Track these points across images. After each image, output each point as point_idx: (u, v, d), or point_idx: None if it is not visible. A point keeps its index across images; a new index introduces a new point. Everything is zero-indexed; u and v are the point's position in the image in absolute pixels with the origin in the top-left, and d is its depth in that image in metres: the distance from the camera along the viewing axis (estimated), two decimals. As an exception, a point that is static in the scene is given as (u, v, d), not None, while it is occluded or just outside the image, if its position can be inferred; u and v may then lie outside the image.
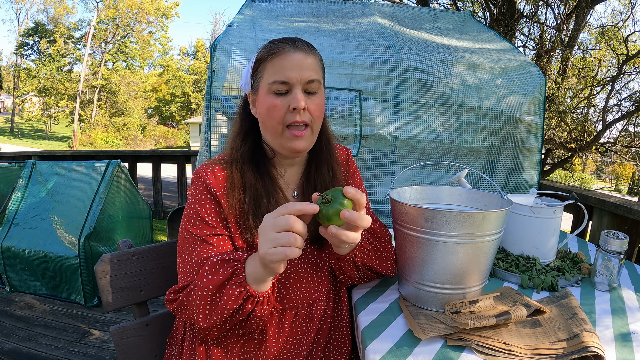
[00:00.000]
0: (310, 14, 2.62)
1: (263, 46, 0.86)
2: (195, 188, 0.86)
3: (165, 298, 0.84)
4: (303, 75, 0.82)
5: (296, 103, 0.81)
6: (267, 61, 0.83)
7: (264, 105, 0.84)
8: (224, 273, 0.73)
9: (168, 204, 5.78)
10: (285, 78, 0.81)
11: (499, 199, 0.96)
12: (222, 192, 0.84)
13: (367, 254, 0.90)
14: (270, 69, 0.83)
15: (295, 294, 0.90)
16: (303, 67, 0.82)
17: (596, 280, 1.02)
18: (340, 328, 0.99)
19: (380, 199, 2.09)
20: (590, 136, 4.37)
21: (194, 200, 0.85)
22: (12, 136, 29.16)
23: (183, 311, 0.80)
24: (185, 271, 0.83)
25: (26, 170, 2.94)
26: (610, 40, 4.52)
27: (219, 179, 0.85)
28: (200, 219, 0.83)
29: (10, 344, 2.16)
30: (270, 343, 0.87)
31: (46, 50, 27.63)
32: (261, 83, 0.85)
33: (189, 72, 37.65)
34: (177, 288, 0.82)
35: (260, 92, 0.85)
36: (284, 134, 0.84)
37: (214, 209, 0.84)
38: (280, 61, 0.82)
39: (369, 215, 1.03)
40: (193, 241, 0.83)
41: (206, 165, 0.87)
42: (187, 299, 0.78)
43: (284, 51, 0.82)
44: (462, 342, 0.74)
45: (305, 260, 0.91)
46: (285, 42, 0.83)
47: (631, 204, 1.83)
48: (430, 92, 2.09)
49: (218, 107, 1.95)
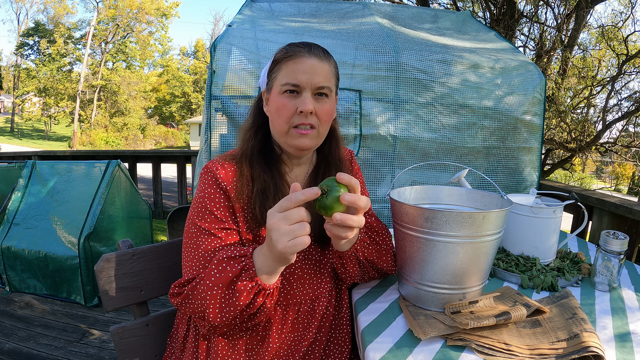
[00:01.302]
0: (310, 14, 2.62)
1: (281, 48, 0.89)
2: (205, 182, 0.87)
3: (169, 292, 0.84)
4: (314, 80, 0.84)
5: (304, 106, 0.84)
6: (283, 63, 0.86)
7: (275, 104, 0.87)
8: (233, 270, 0.73)
9: (168, 204, 5.79)
10: (296, 81, 0.84)
11: (499, 199, 0.96)
12: (232, 187, 0.86)
13: (367, 248, 0.91)
14: (285, 71, 0.86)
15: (298, 290, 0.92)
16: (315, 73, 0.85)
17: (596, 280, 1.02)
18: (340, 327, 0.99)
19: (380, 199, 2.09)
20: (590, 136, 4.37)
21: (203, 194, 0.86)
22: (12, 136, 29.17)
23: (188, 305, 0.79)
24: (191, 264, 0.83)
25: (26, 170, 2.94)
26: (610, 40, 4.52)
27: (228, 173, 0.87)
28: (209, 213, 0.84)
29: (10, 344, 2.16)
30: (273, 339, 0.88)
31: (46, 50, 27.63)
32: (275, 83, 0.88)
33: (189, 72, 37.66)
34: (183, 281, 0.82)
35: (273, 92, 0.88)
36: (290, 132, 0.86)
37: (223, 202, 0.85)
38: (294, 64, 0.85)
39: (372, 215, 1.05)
40: (200, 234, 0.84)
41: (216, 160, 0.89)
42: (193, 292, 0.78)
43: (299, 55, 0.85)
44: (462, 342, 0.74)
45: (308, 257, 0.93)
46: (302, 46, 0.87)
47: (631, 204, 1.83)
48: (430, 92, 2.09)
49: (218, 107, 1.95)
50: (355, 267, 0.91)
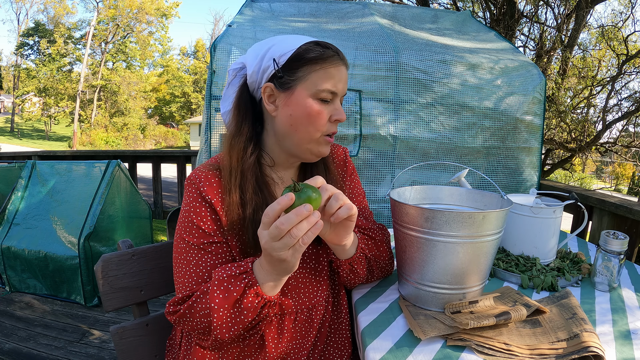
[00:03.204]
0: (311, 14, 2.62)
1: (306, 45, 0.81)
2: (189, 195, 0.83)
3: (165, 310, 0.81)
4: (345, 88, 0.84)
5: (341, 116, 0.83)
6: (316, 64, 0.80)
7: (305, 109, 0.80)
8: (237, 289, 0.71)
9: (168, 204, 5.79)
10: (336, 89, 0.81)
11: (499, 199, 0.96)
12: (217, 200, 0.81)
13: (366, 243, 0.92)
14: (323, 74, 0.80)
15: (294, 299, 0.89)
16: (345, 81, 0.84)
17: (596, 280, 1.02)
18: (339, 331, 0.98)
19: (380, 199, 2.09)
20: (590, 136, 4.38)
21: (189, 208, 0.82)
22: (12, 136, 29.17)
23: (186, 323, 0.77)
24: (183, 281, 0.81)
25: (26, 170, 2.94)
26: (610, 40, 4.52)
27: (213, 186, 0.82)
28: (196, 227, 0.81)
29: (10, 344, 2.16)
30: (270, 349, 0.86)
31: (46, 50, 27.64)
32: (304, 84, 0.80)
33: (189, 72, 37.67)
34: (177, 300, 0.79)
35: (299, 94, 0.80)
36: (320, 139, 0.83)
37: (209, 216, 0.81)
38: (333, 70, 0.81)
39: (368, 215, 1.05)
40: (190, 250, 0.81)
41: (199, 170, 0.84)
42: (190, 311, 0.75)
43: (335, 61, 0.81)
44: (462, 342, 0.74)
45: (304, 266, 0.91)
46: (331, 50, 0.82)
47: (631, 204, 1.83)
48: (430, 92, 2.09)
49: (218, 107, 1.95)
50: (364, 267, 0.91)
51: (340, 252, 0.86)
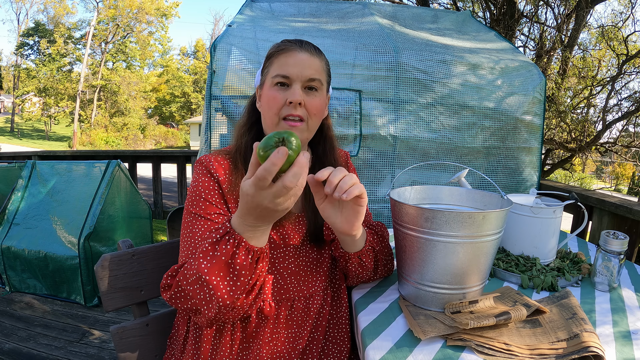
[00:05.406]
0: (311, 14, 2.62)
1: (274, 44, 0.92)
2: (198, 172, 0.89)
3: (161, 283, 0.80)
4: (304, 72, 0.86)
5: (293, 97, 0.85)
6: (275, 57, 0.89)
7: (266, 97, 0.89)
8: (225, 252, 0.70)
9: (168, 204, 5.78)
10: (286, 73, 0.86)
11: (499, 199, 0.96)
12: (224, 178, 0.87)
13: (373, 237, 0.95)
14: (276, 64, 0.88)
15: (292, 286, 0.92)
16: (305, 66, 0.87)
17: (596, 280, 1.02)
18: (339, 326, 0.99)
19: (380, 199, 2.09)
20: (590, 136, 4.37)
21: (197, 183, 0.87)
22: (12, 136, 29.16)
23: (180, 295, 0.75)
24: (187, 253, 0.83)
25: (26, 170, 2.94)
26: (610, 40, 4.51)
27: (221, 165, 0.88)
28: (203, 200, 0.85)
29: (10, 344, 2.16)
30: (265, 335, 0.87)
31: (46, 50, 27.63)
32: (267, 77, 0.90)
33: (189, 72, 37.65)
34: (175, 267, 0.79)
35: (265, 86, 0.90)
36: (280, 124, 0.87)
37: (216, 190, 0.86)
38: (286, 58, 0.87)
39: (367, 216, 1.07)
40: (196, 221, 0.84)
41: (209, 154, 0.91)
42: (183, 282, 0.74)
43: (291, 49, 0.87)
44: (462, 342, 0.74)
45: (306, 255, 0.94)
46: (294, 42, 0.89)
47: (631, 204, 1.83)
48: (430, 92, 2.09)
49: (218, 107, 1.95)
50: (372, 261, 0.94)
51: (350, 244, 0.88)
